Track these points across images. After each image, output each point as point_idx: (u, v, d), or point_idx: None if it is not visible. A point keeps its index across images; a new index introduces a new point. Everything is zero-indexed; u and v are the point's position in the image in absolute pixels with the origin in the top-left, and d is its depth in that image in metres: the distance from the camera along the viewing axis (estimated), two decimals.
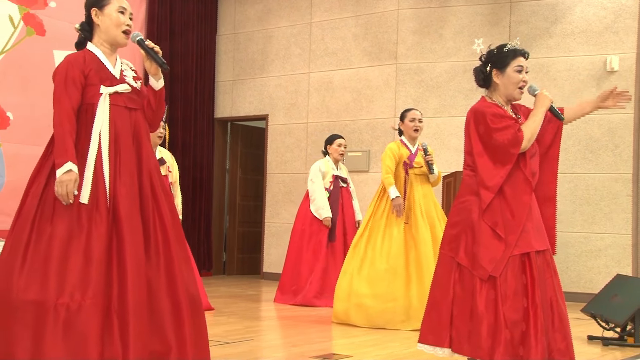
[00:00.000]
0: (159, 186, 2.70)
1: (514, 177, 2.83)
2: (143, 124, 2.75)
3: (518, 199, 2.81)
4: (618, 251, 6.78)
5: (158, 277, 2.57)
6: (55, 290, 2.41)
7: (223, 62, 9.01)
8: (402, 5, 7.78)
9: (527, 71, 2.95)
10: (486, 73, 2.99)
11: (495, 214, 2.80)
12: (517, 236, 2.76)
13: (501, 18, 7.39)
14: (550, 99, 2.94)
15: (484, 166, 2.84)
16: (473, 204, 2.86)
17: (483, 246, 2.78)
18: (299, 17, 8.47)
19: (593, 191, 6.92)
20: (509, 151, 2.81)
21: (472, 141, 2.90)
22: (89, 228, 2.50)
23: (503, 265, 2.74)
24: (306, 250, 6.08)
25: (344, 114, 8.09)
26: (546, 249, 2.84)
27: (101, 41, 2.73)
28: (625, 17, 6.91)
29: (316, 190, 6.11)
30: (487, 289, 2.74)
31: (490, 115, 2.85)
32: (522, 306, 2.72)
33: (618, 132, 6.86)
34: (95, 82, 2.64)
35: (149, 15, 8.03)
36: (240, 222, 9.23)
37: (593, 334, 4.48)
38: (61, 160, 2.52)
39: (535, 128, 2.87)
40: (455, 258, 2.86)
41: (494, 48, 3.00)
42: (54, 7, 6.80)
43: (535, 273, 2.75)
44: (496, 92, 2.97)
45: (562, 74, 7.12)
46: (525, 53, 2.97)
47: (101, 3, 2.71)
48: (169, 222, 2.67)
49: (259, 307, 6.04)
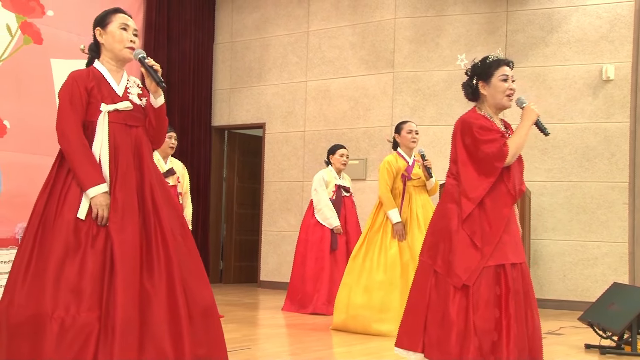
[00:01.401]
0: (161, 200, 2.71)
1: (497, 189, 2.87)
2: (145, 141, 2.77)
3: (498, 211, 2.85)
4: (615, 259, 6.79)
5: (159, 291, 2.57)
6: (51, 304, 2.43)
7: (220, 70, 9.03)
8: (399, 14, 7.82)
9: (513, 80, 2.98)
10: (473, 86, 3.02)
11: (474, 223, 2.84)
12: (492, 247, 2.80)
13: (497, 27, 7.42)
14: (537, 113, 2.96)
15: (467, 176, 2.87)
16: (453, 212, 2.89)
17: (459, 255, 2.82)
18: (296, 26, 8.50)
19: (590, 199, 6.94)
20: (493, 164, 2.84)
21: (457, 151, 2.94)
22: (85, 244, 2.53)
23: (477, 274, 2.78)
24: (309, 259, 6.14)
25: (341, 122, 8.11)
26: (522, 262, 2.89)
27: (107, 59, 2.78)
28: (620, 26, 6.95)
29: (321, 200, 6.16)
30: (459, 297, 2.79)
31: (476, 127, 2.89)
32: (494, 316, 2.76)
33: (614, 140, 6.89)
34: (97, 99, 2.67)
35: (146, 23, 8.05)
36: (237, 230, 9.22)
37: (590, 342, 4.48)
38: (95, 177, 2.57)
39: (521, 143, 2.90)
40: (433, 265, 2.90)
41: (478, 61, 3.03)
42: (51, 16, 6.81)
43: (510, 284, 2.79)
44: (485, 103, 3.00)
45: (558, 83, 7.15)
46: (509, 62, 3.00)
47: (104, 22, 2.76)
48: (171, 235, 2.67)
49: (257, 316, 6.03)
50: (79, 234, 2.53)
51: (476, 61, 3.04)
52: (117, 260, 2.51)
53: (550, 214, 7.06)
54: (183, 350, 2.54)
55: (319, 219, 6.17)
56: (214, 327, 2.70)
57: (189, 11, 8.61)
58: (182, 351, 2.54)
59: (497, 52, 3.03)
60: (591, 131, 6.99)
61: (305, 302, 6.02)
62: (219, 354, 2.71)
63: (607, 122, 6.94)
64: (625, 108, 6.88)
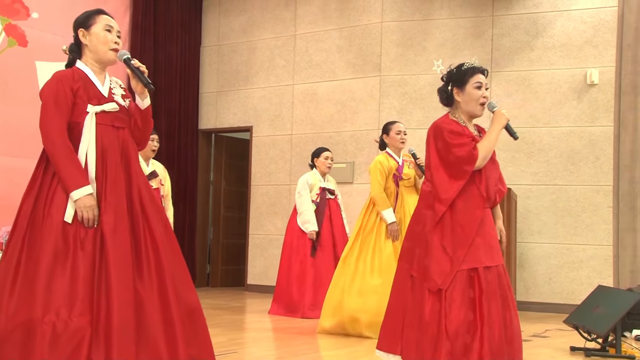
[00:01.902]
0: (149, 202, 2.70)
1: (469, 191, 2.92)
2: (131, 142, 2.76)
3: (470, 213, 2.90)
4: (599, 262, 6.85)
5: (151, 294, 2.56)
6: (42, 308, 2.40)
7: (207, 73, 9.01)
8: (385, 17, 7.85)
9: (486, 87, 3.05)
10: (448, 92, 3.08)
11: (445, 227, 2.90)
12: (465, 251, 2.85)
13: (483, 31, 7.47)
14: (506, 117, 3.04)
15: (439, 180, 2.94)
16: (428, 217, 2.95)
17: (434, 259, 2.88)
18: (283, 29, 8.50)
19: (575, 203, 6.99)
20: (463, 168, 2.91)
21: (430, 155, 3.01)
22: (74, 247, 2.50)
23: (451, 278, 2.83)
24: (294, 263, 6.14)
25: (328, 125, 8.12)
26: (498, 264, 2.91)
27: (90, 60, 2.74)
28: (604, 31, 7.02)
29: (303, 204, 6.17)
30: (433, 301, 2.85)
31: (447, 131, 2.96)
32: (468, 319, 2.80)
33: (599, 144, 6.95)
34: (83, 100, 2.64)
35: (132, 26, 8.01)
36: (224, 233, 9.20)
37: (575, 344, 4.52)
38: (79, 180, 2.53)
39: (491, 147, 2.96)
40: (409, 270, 2.96)
41: (454, 67, 3.09)
42: (36, 18, 6.76)
43: (484, 287, 2.83)
44: (458, 109, 3.07)
45: (543, 87, 7.21)
46: (484, 70, 3.06)
47: (87, 23, 2.72)
48: (161, 238, 2.66)
49: (244, 319, 6.01)
50: (67, 237, 2.50)
51: (452, 67, 3.09)
52: (111, 263, 2.49)
53: (536, 217, 7.11)
54: (177, 352, 2.54)
55: (298, 222, 6.18)
56: (201, 328, 2.70)
57: (176, 14, 8.58)
58: (177, 353, 2.54)
59: (473, 60, 3.08)
60: (576, 135, 7.05)
61: (293, 306, 6.01)
62: (207, 355, 2.70)
63: (592, 126, 7.00)
64: (609, 112, 6.95)
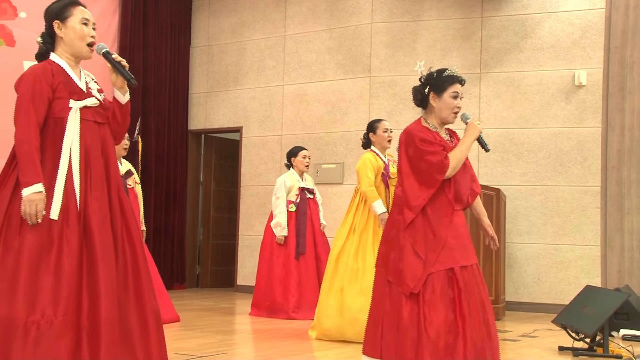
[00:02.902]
0: (126, 200, 2.68)
1: (438, 199, 2.97)
2: (110, 138, 2.71)
3: (439, 220, 2.95)
4: (587, 262, 6.89)
5: (126, 293, 2.54)
6: (26, 308, 2.36)
7: (197, 74, 8.99)
8: (375, 19, 7.86)
9: (461, 97, 3.09)
10: (424, 94, 3.12)
11: (417, 232, 2.95)
12: (437, 254, 2.91)
13: (473, 32, 7.50)
14: (479, 129, 3.10)
15: (409, 186, 2.98)
16: (400, 222, 3.00)
17: (407, 263, 2.92)
18: (273, 30, 8.50)
19: (563, 203, 7.04)
20: (434, 176, 2.95)
21: (401, 162, 3.06)
22: (59, 244, 2.45)
23: (422, 281, 2.87)
24: (276, 265, 6.05)
25: (318, 126, 8.12)
26: (473, 263, 2.98)
27: (65, 54, 2.66)
28: (592, 33, 7.07)
29: (278, 207, 6.10)
30: (411, 304, 2.88)
31: (419, 139, 2.99)
32: (449, 319, 2.84)
33: (587, 145, 7.00)
34: (64, 95, 2.57)
35: (121, 27, 7.98)
36: (214, 234, 9.18)
37: (564, 344, 4.54)
38: (30, 179, 2.45)
39: (462, 157, 3.01)
40: (386, 275, 3.00)
41: (434, 72, 3.12)
42: (24, 18, 6.72)
43: (462, 287, 2.88)
44: (432, 114, 3.11)
45: (532, 88, 7.25)
46: (462, 80, 3.11)
47: (63, 15, 2.63)
48: (137, 237, 2.64)
49: (233, 320, 6.00)
50: (52, 234, 2.45)
51: (432, 71, 3.12)
52: (98, 261, 2.46)
53: (525, 217, 7.15)
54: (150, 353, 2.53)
55: (272, 223, 6.11)
56: (161, 332, 2.67)
57: (165, 14, 8.56)
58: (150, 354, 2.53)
59: (454, 69, 3.12)
60: (564, 136, 7.09)
61: (276, 308, 5.95)
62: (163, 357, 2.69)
63: (580, 127, 7.05)
64: (597, 113, 7.00)
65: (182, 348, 4.15)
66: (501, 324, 5.96)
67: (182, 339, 4.58)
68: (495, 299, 6.26)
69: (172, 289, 8.20)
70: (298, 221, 6.09)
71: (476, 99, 7.44)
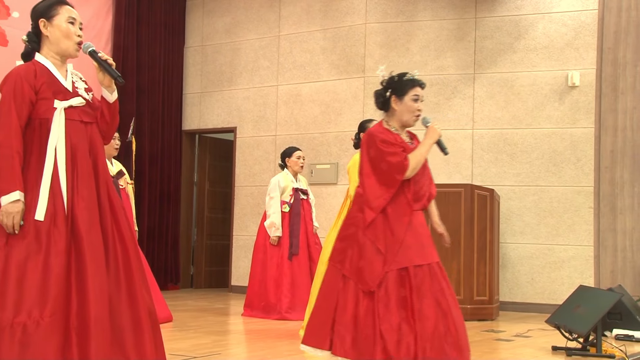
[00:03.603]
0: (116, 199, 2.66)
1: (398, 199, 3.06)
2: (98, 137, 2.68)
3: (399, 219, 3.04)
4: (581, 262, 6.92)
5: (119, 293, 2.52)
6: (13, 309, 2.34)
7: (191, 74, 8.98)
8: (369, 19, 7.87)
9: (422, 100, 3.17)
10: (386, 97, 3.19)
11: (378, 230, 3.03)
12: (395, 253, 2.99)
13: (466, 33, 7.52)
14: (439, 133, 3.17)
15: (370, 187, 3.06)
16: (360, 220, 3.08)
17: (367, 261, 3.01)
18: (267, 30, 8.49)
19: (556, 204, 7.06)
20: (394, 177, 3.04)
21: (363, 162, 3.13)
22: (47, 244, 2.43)
23: (380, 279, 2.97)
24: (270, 266, 6.04)
25: (312, 126, 8.12)
26: (431, 262, 3.04)
27: (51, 53, 2.62)
28: (585, 34, 7.10)
29: (272, 207, 6.07)
30: (367, 301, 2.97)
31: (380, 140, 3.08)
32: (400, 316, 2.93)
33: (580, 145, 7.03)
34: (48, 96, 2.54)
35: (115, 27, 7.96)
36: (208, 234, 9.17)
37: (557, 344, 4.56)
38: (8, 186, 2.42)
39: (421, 159, 3.09)
40: (341, 270, 3.08)
41: (395, 75, 3.19)
42: (16, 17, 6.70)
43: (414, 286, 2.96)
44: (393, 117, 3.18)
45: (525, 89, 7.27)
46: (423, 84, 3.19)
47: (49, 14, 2.60)
48: (128, 236, 2.63)
49: (227, 321, 5.99)
50: (39, 235, 2.43)
51: (394, 75, 3.20)
52: (87, 259, 2.45)
53: (519, 217, 7.17)
54: (144, 353, 2.52)
55: (265, 224, 6.10)
56: (157, 331, 2.66)
57: (159, 14, 8.54)
58: (144, 354, 2.52)
59: (415, 72, 3.20)
60: (558, 136, 7.11)
61: (269, 309, 5.95)
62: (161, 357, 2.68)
63: (573, 128, 7.08)
64: (590, 114, 7.03)
65: (176, 349, 4.15)
66: (495, 324, 5.98)
67: (176, 340, 4.57)
68: (489, 299, 6.28)
69: (166, 289, 8.19)
70: (291, 222, 6.08)
71: (470, 99, 7.45)
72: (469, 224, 6.28)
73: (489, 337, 5.14)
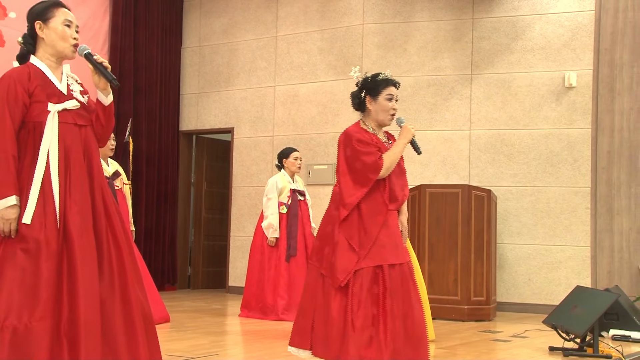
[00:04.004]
0: (111, 202, 2.65)
1: (373, 197, 3.12)
2: (93, 140, 2.67)
3: (373, 218, 3.10)
4: (578, 263, 6.93)
5: (112, 297, 2.52)
6: (3, 311, 2.34)
7: (188, 74, 8.97)
8: (367, 20, 7.88)
9: (397, 99, 3.22)
10: (361, 98, 3.25)
11: (352, 228, 3.10)
12: (367, 250, 3.05)
13: (464, 34, 7.53)
14: (412, 133, 3.22)
15: (345, 185, 3.13)
16: (336, 218, 3.15)
17: (339, 257, 3.07)
18: (265, 31, 8.49)
19: (554, 204, 7.07)
20: (368, 176, 3.10)
21: (339, 161, 3.21)
22: (37, 248, 2.42)
23: (351, 275, 3.03)
24: (267, 267, 6.04)
25: (310, 127, 8.12)
26: (403, 262, 3.10)
27: (47, 55, 2.61)
28: (582, 35, 7.11)
29: (270, 207, 6.06)
30: (340, 297, 3.04)
31: (355, 140, 3.14)
32: (372, 313, 3.00)
33: (577, 146, 7.04)
34: (42, 99, 2.53)
35: (112, 27, 7.95)
36: (206, 235, 9.16)
37: (554, 344, 4.57)
38: (4, 191, 2.42)
39: (395, 159, 3.15)
40: (319, 268, 3.15)
41: (369, 76, 3.25)
42: (13, 18, 6.69)
43: (388, 284, 3.03)
44: (369, 117, 3.25)
45: (522, 89, 7.28)
46: (397, 83, 3.24)
47: (45, 16, 2.59)
48: (122, 239, 2.62)
49: (225, 322, 5.99)
50: (30, 239, 2.42)
51: (368, 76, 3.25)
52: (78, 263, 2.44)
53: (516, 218, 7.18)
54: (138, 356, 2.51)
55: (263, 225, 6.08)
56: (153, 333, 2.66)
57: (156, 15, 8.53)
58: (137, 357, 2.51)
59: (388, 72, 3.26)
60: (555, 137, 7.13)
61: (266, 310, 5.95)
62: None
63: (570, 129, 7.09)
64: (587, 115, 7.04)
65: (173, 349, 4.14)
66: (492, 325, 5.99)
67: (173, 340, 4.56)
68: (487, 299, 6.29)
69: (164, 290, 8.18)
70: (289, 223, 6.07)
71: (467, 100, 7.46)
72: (466, 225, 6.29)
73: (486, 338, 5.15)
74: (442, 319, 6.12)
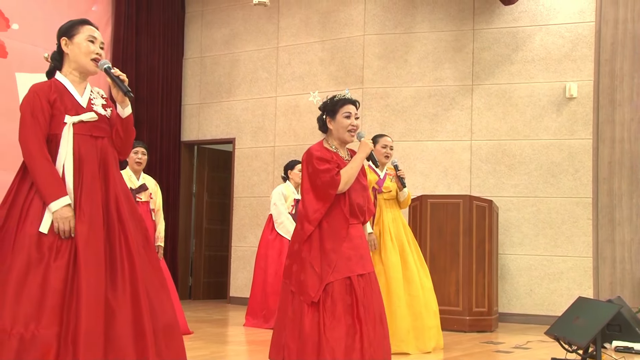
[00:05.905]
0: (127, 212, 2.69)
1: (334, 213, 3.26)
2: (111, 151, 2.75)
3: (335, 232, 3.23)
4: (579, 274, 6.92)
5: (123, 305, 2.53)
6: (10, 320, 2.39)
7: (190, 85, 9.00)
8: (367, 30, 7.91)
9: (356, 117, 3.38)
10: (323, 120, 3.44)
11: (313, 245, 3.23)
12: (333, 265, 3.17)
13: (464, 45, 7.55)
14: (370, 147, 3.39)
15: (309, 202, 3.27)
16: (302, 236, 3.27)
17: (307, 274, 3.19)
18: (266, 42, 8.53)
19: (555, 215, 7.06)
20: (328, 192, 3.24)
21: (303, 179, 3.35)
22: (48, 258, 2.49)
23: (321, 291, 3.14)
24: (270, 275, 6.17)
25: (311, 137, 8.13)
26: (370, 272, 3.26)
27: (70, 70, 2.74)
28: (582, 46, 7.14)
29: (282, 213, 6.23)
30: (312, 313, 3.14)
31: (315, 158, 3.30)
32: (347, 323, 3.12)
33: (578, 157, 7.04)
34: (60, 111, 2.64)
35: (114, 38, 7.98)
36: (207, 245, 9.15)
37: (556, 356, 4.55)
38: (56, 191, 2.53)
39: (353, 173, 3.29)
40: (289, 285, 3.26)
41: (328, 98, 3.44)
42: (16, 30, 6.71)
43: (359, 293, 3.16)
44: (332, 136, 3.43)
45: (523, 100, 7.29)
46: (355, 102, 3.41)
47: (71, 32, 2.73)
48: (137, 249, 2.64)
49: (226, 332, 5.97)
50: (41, 248, 2.49)
51: (327, 99, 3.43)
52: (82, 273, 2.47)
53: (517, 229, 7.17)
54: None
55: (281, 232, 6.23)
56: (175, 344, 2.67)
57: (158, 26, 8.57)
58: None
59: (345, 92, 3.43)
60: (556, 147, 7.13)
61: (270, 317, 5.99)
62: None
63: (571, 139, 7.10)
64: (587, 125, 7.05)
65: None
66: (494, 336, 5.97)
67: None
68: (488, 310, 6.27)
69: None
70: None
71: (468, 110, 7.47)
72: (467, 235, 6.28)
73: (488, 349, 5.12)
74: (444, 329, 6.07)
